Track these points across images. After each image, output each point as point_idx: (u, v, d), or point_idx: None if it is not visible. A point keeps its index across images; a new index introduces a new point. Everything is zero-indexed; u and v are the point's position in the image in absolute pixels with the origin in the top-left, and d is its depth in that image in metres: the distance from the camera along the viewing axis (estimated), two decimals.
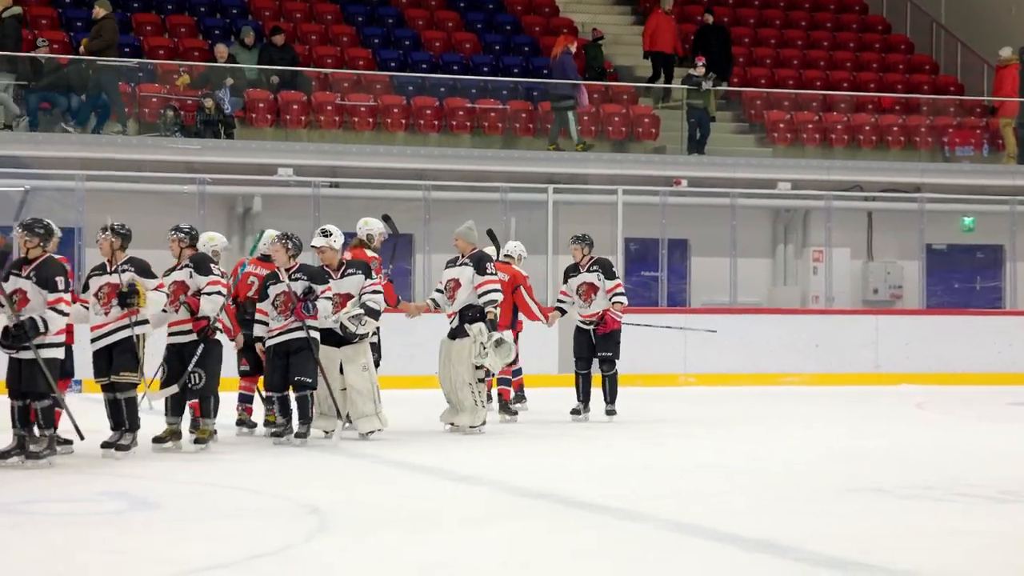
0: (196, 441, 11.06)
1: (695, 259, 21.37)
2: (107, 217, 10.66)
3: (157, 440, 11.02)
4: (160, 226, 12.09)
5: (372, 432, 11.74)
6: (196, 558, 6.91)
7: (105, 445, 10.54)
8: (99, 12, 19.51)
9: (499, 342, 12.00)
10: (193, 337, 11.00)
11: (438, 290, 12.48)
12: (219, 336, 11.20)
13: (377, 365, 12.12)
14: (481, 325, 12.04)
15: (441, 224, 18.25)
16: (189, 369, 10.94)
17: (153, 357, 11.13)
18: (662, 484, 9.62)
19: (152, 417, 11.28)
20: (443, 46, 23.12)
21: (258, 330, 11.54)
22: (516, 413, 13.49)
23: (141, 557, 6.95)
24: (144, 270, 10.52)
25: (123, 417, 10.53)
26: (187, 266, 11.04)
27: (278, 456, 10.92)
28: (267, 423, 12.02)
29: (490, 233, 13.84)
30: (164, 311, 10.75)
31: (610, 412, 13.53)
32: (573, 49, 21.62)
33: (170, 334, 11.06)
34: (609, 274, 13.56)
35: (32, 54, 19.36)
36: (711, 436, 12.92)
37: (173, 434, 11.06)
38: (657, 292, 20.62)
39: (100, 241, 10.56)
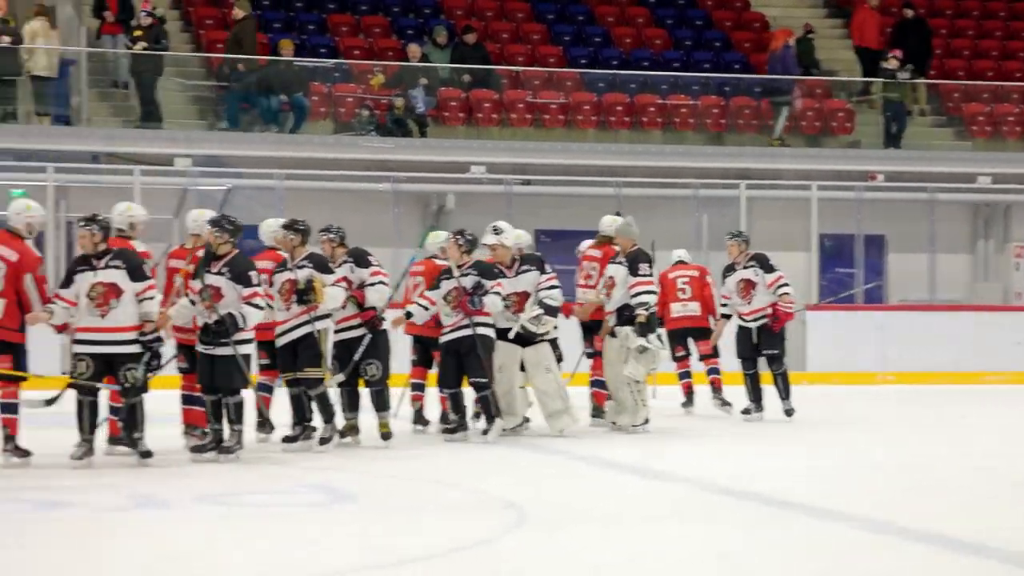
0: (384, 437, 11.02)
1: (892, 255, 20.96)
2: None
3: (342, 434, 10.97)
4: (357, 224, 12.31)
5: (564, 428, 11.67)
6: (400, 549, 6.99)
7: (287, 439, 10.68)
8: (238, 13, 19.82)
9: (643, 349, 11.66)
10: (363, 331, 10.93)
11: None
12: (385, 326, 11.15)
13: (560, 362, 11.95)
14: (628, 330, 11.76)
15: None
16: (356, 359, 10.82)
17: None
18: (854, 483, 9.45)
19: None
20: (634, 42, 23.05)
21: (417, 312, 11.36)
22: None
23: (345, 548, 7.06)
24: (323, 266, 10.62)
25: (306, 412, 10.68)
26: (346, 261, 11.00)
27: (473, 451, 10.96)
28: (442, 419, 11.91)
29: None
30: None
31: (789, 411, 13.09)
32: (792, 43, 21.41)
33: (338, 331, 10.97)
34: (767, 268, 13.10)
35: (232, 56, 19.78)
36: (907, 434, 12.68)
37: (352, 429, 11.03)
38: (852, 289, 20.29)
39: (279, 240, 10.77)
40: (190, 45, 20.96)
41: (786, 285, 13.12)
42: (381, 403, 10.97)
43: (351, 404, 11.00)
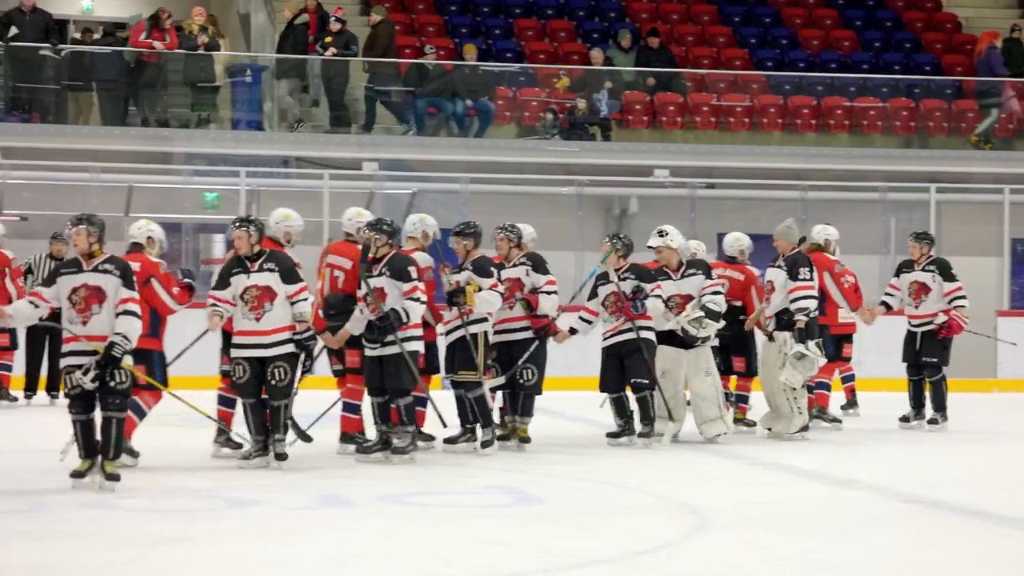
0: (522, 440, 11.01)
1: None
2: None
3: (501, 438, 10.97)
4: (539, 227, 12.29)
5: (719, 436, 11.52)
6: (579, 552, 7.02)
7: (448, 441, 10.68)
8: (374, 19, 19.96)
9: (800, 356, 11.45)
10: (528, 335, 10.93)
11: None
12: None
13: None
14: (787, 335, 11.58)
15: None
16: (519, 365, 10.84)
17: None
18: None
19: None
20: (821, 44, 22.78)
21: (581, 328, 11.36)
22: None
23: (525, 549, 7.11)
24: (482, 269, 10.57)
25: (468, 414, 10.68)
26: (523, 263, 10.98)
27: (650, 455, 10.92)
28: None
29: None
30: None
31: (933, 421, 12.65)
32: (999, 44, 20.95)
33: (498, 331, 10.92)
34: (948, 276, 12.64)
35: (419, 60, 20.02)
36: None
37: (514, 432, 11.04)
38: None
39: (455, 244, 10.74)
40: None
41: (963, 298, 12.67)
42: (527, 408, 10.99)
43: (512, 407, 11.03)
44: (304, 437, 10.06)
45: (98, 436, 8.76)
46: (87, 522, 7.74)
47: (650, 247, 11.56)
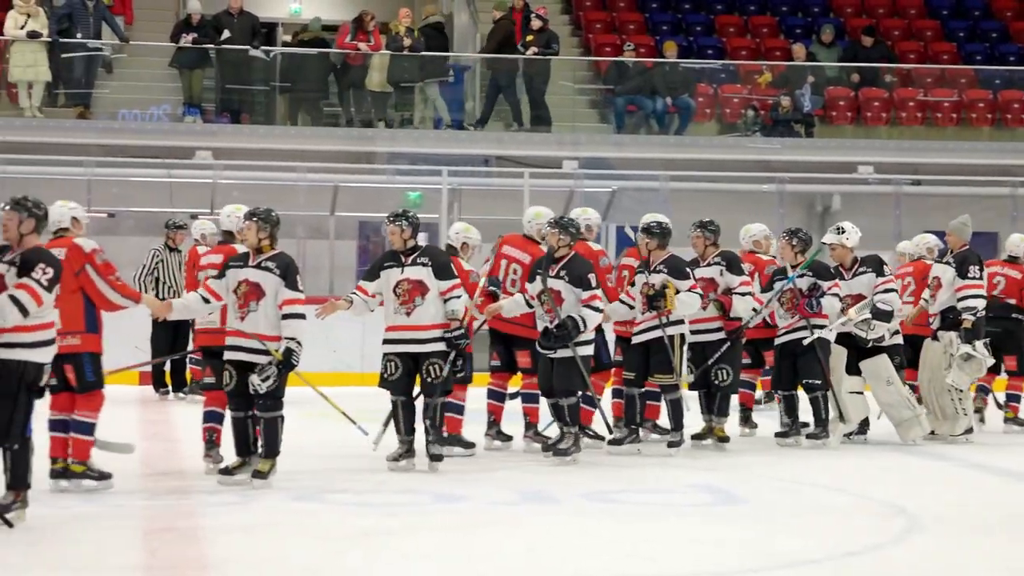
0: (719, 440, 10.82)
1: None
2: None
3: (696, 436, 10.82)
4: (740, 225, 12.22)
5: (916, 438, 11.21)
6: (786, 552, 6.96)
7: (612, 443, 10.43)
8: (496, 14, 19.84)
9: (967, 356, 11.09)
10: (721, 335, 10.73)
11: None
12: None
13: (900, 368, 11.37)
14: (953, 335, 11.24)
15: None
16: (709, 363, 10.67)
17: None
18: None
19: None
20: None
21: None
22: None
23: (731, 548, 7.07)
24: (678, 270, 10.33)
25: (636, 416, 10.44)
26: (717, 263, 10.78)
27: (851, 456, 10.73)
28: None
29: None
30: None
31: None
32: None
33: (693, 332, 10.66)
34: None
35: (619, 58, 20.02)
36: None
37: (710, 431, 10.86)
38: None
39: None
40: (579, 49, 21.32)
41: None
42: (723, 408, 10.82)
43: (706, 407, 10.87)
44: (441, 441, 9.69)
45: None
46: (296, 515, 7.89)
47: (824, 243, 11.35)
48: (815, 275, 10.91)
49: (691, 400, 10.72)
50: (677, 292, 10.25)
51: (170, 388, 14.03)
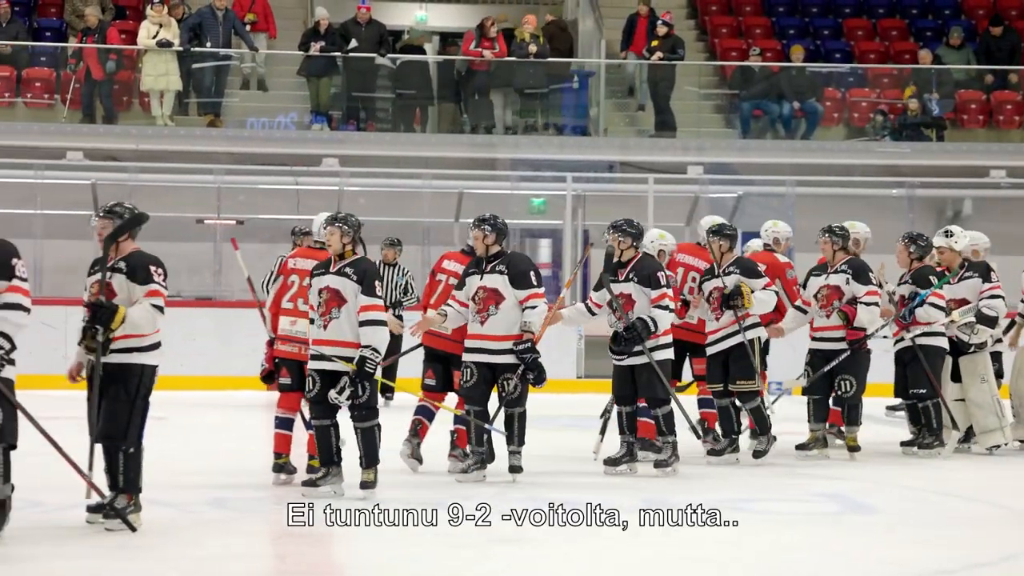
0: (850, 450, 10.54)
1: None
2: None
3: (801, 447, 10.60)
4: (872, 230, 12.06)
5: (996, 447, 10.91)
6: (915, 562, 6.84)
7: (712, 453, 10.19)
8: (548, 16, 19.63)
9: None
10: (843, 345, 10.44)
11: None
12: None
13: (997, 376, 11.12)
14: None
15: None
16: (826, 369, 10.37)
17: None
18: None
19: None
20: None
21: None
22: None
23: (858, 558, 6.97)
24: (750, 270, 10.16)
25: (735, 425, 10.23)
26: (844, 271, 10.46)
27: (987, 464, 10.56)
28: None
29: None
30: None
31: None
32: None
33: (815, 338, 10.55)
34: None
35: (744, 63, 19.89)
36: None
37: (817, 440, 10.64)
38: None
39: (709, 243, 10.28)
40: (704, 54, 21.21)
41: None
42: (852, 418, 10.53)
43: (817, 415, 10.62)
44: (490, 455, 9.32)
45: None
46: (423, 519, 7.89)
47: (935, 247, 11.06)
48: (915, 282, 10.68)
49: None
50: (751, 292, 10.05)
51: None
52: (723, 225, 10.36)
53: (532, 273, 9.10)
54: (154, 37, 18.20)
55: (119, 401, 7.32)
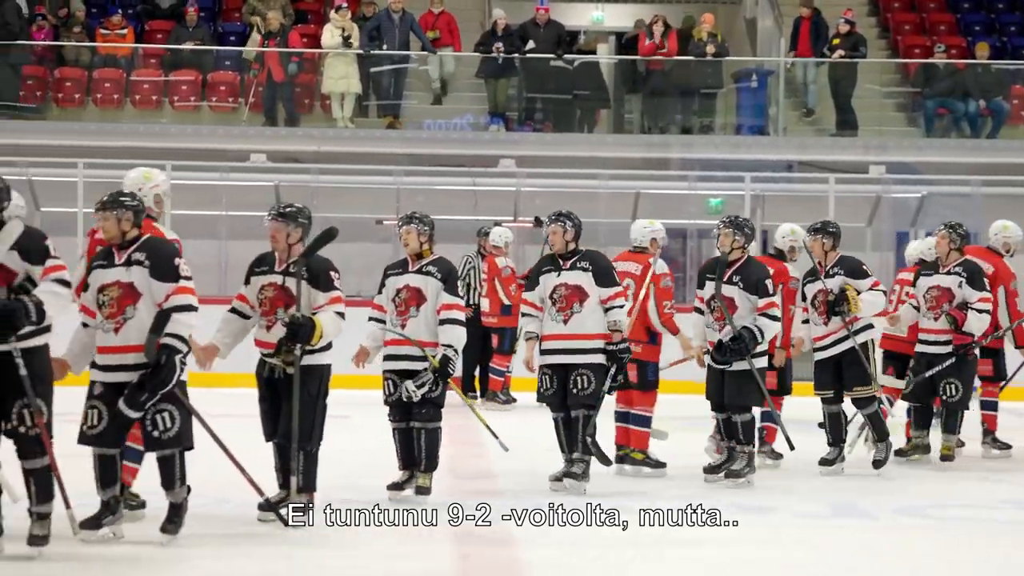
0: (943, 458, 10.18)
1: None
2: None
3: (900, 453, 10.22)
4: None
5: None
6: None
7: (824, 462, 9.72)
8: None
9: None
10: (948, 349, 10.06)
11: None
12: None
13: None
14: None
15: None
16: (928, 374, 10.03)
17: None
18: None
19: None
20: None
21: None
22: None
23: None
24: (855, 270, 9.67)
25: (842, 433, 9.76)
26: (958, 273, 10.08)
27: None
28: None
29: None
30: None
31: None
32: None
33: (921, 341, 10.18)
34: None
35: (928, 60, 19.49)
36: None
37: (917, 448, 10.28)
38: None
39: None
40: (886, 51, 20.82)
41: None
42: (951, 425, 10.16)
43: (920, 421, 10.22)
44: (604, 459, 8.88)
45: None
46: (604, 519, 7.86)
47: None
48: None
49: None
50: (858, 293, 9.60)
51: (478, 394, 14.23)
52: (826, 223, 9.86)
53: (614, 271, 8.86)
54: (344, 36, 18.39)
55: (302, 402, 7.41)
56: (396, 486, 8.36)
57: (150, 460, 7.12)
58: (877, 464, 9.72)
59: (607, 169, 18.08)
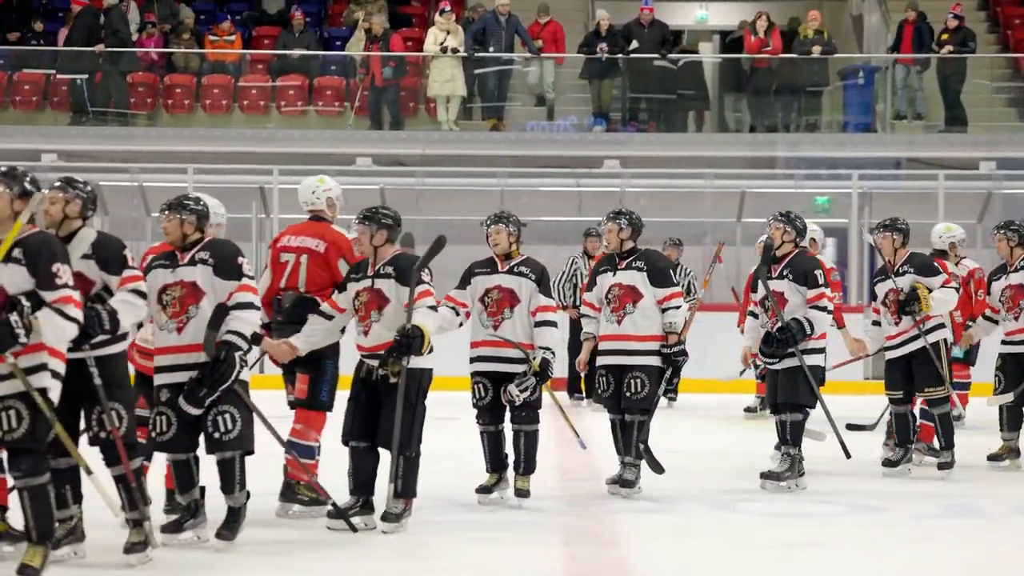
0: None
1: None
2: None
3: (993, 458, 9.82)
4: None
5: None
6: None
7: (887, 463, 9.43)
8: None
9: None
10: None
11: None
12: None
13: None
14: None
15: None
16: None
17: None
18: None
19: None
20: None
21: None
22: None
23: None
24: (925, 267, 9.35)
25: (910, 434, 9.47)
26: None
27: None
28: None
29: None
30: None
31: None
32: None
33: (1006, 342, 9.76)
34: None
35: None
36: None
37: (1011, 451, 9.80)
38: None
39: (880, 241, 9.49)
40: (996, 46, 20.52)
41: None
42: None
43: (1011, 423, 9.79)
44: (656, 467, 8.57)
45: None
46: (712, 522, 7.86)
47: None
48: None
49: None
50: (929, 291, 9.28)
51: (584, 394, 14.21)
52: (894, 219, 9.54)
53: (671, 271, 8.68)
54: (441, 43, 18.50)
55: (402, 407, 7.27)
56: (484, 489, 8.22)
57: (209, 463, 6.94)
58: (943, 466, 9.41)
59: (712, 168, 18.01)
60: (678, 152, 18.63)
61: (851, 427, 9.79)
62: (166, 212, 6.93)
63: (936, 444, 9.63)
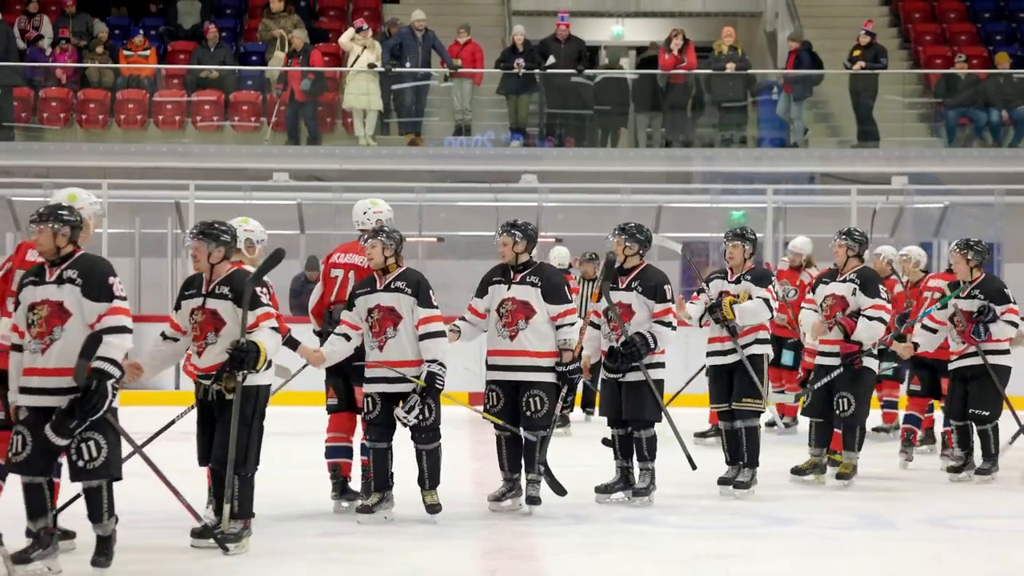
0: (838, 476, 9.59)
1: None
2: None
3: (797, 471, 9.68)
4: None
5: None
6: None
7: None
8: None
9: None
10: (835, 361, 9.47)
11: None
12: (869, 362, 9.46)
13: None
14: None
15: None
16: (837, 393, 9.46)
17: None
18: None
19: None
20: None
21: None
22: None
23: None
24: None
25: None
26: (852, 280, 9.59)
27: None
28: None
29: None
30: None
31: None
32: None
33: (822, 353, 9.61)
34: None
35: (949, 71, 19.47)
36: None
37: (815, 467, 9.70)
38: None
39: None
40: (907, 62, 20.80)
41: None
42: (848, 442, 9.65)
43: (819, 439, 9.67)
44: (558, 488, 8.49)
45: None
46: (627, 536, 7.87)
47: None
48: (987, 297, 9.82)
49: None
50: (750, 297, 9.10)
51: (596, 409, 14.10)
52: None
53: (565, 287, 8.50)
54: (356, 58, 18.46)
55: (237, 425, 7.07)
56: (367, 508, 8.06)
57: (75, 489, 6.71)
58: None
59: (629, 184, 18.10)
60: (595, 167, 18.71)
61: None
62: (37, 223, 6.52)
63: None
